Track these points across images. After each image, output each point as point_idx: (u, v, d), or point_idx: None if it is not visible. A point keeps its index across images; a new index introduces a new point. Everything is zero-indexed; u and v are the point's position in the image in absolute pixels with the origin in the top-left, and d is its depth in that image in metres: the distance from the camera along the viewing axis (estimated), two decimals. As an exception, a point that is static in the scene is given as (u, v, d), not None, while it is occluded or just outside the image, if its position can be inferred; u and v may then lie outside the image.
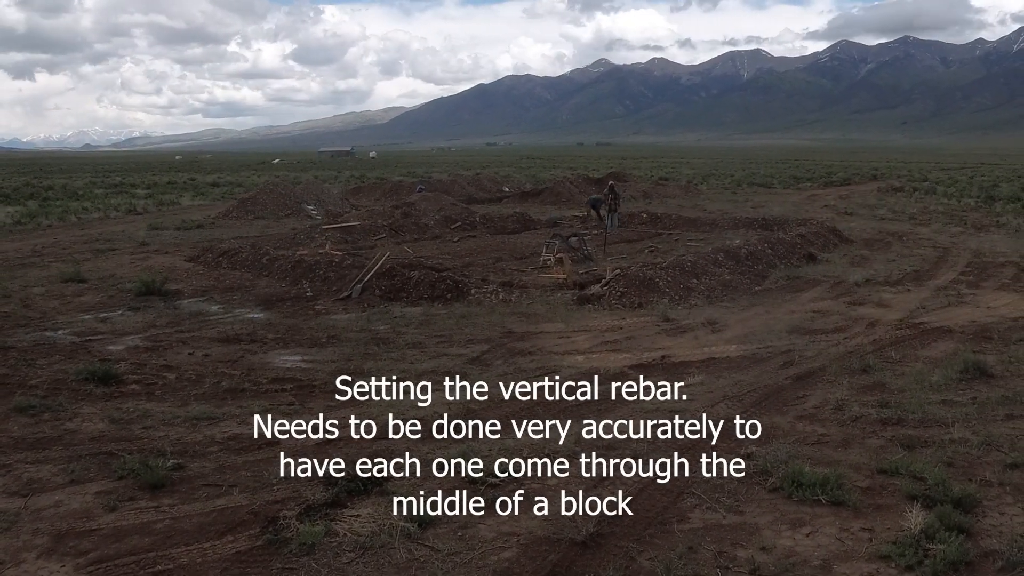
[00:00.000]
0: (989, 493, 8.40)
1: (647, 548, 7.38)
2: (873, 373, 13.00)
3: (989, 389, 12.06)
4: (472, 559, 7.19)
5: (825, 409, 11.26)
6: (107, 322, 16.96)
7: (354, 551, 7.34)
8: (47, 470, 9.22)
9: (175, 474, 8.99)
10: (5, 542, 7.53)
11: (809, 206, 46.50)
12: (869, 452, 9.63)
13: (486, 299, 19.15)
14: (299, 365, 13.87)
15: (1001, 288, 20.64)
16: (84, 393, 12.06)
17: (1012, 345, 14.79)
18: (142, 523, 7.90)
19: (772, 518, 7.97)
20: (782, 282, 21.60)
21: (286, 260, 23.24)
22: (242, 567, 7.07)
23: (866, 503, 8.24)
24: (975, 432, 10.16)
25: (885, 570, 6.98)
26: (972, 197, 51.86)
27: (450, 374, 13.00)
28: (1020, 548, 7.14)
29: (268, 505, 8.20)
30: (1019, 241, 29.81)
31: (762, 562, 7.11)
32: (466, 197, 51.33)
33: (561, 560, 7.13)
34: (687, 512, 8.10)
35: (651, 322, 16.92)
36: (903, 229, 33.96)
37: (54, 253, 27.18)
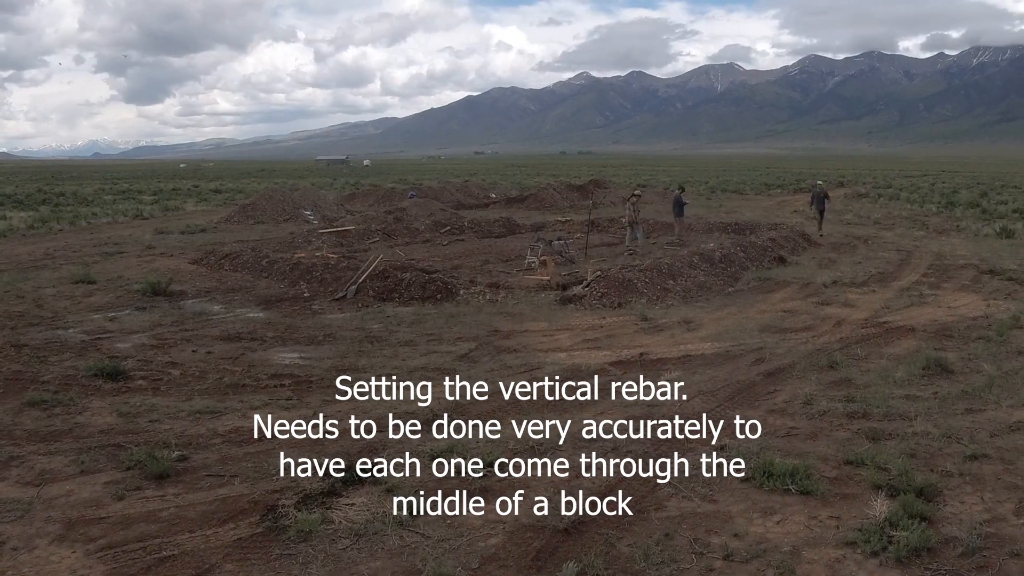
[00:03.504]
0: (950, 483, 8.44)
1: (626, 535, 7.39)
2: (840, 369, 13.04)
3: (949, 384, 12.10)
4: (460, 545, 7.20)
5: (794, 403, 11.29)
6: (115, 321, 16.90)
7: (349, 538, 7.34)
8: (59, 461, 9.19)
9: (180, 465, 8.98)
10: (19, 529, 7.51)
11: (779, 211, 46.62)
12: (836, 444, 9.66)
13: (474, 299, 19.15)
14: (297, 362, 13.85)
15: (961, 289, 20.72)
16: (93, 388, 12.02)
17: (971, 343, 14.85)
18: (148, 511, 7.88)
19: (744, 507, 7.99)
20: (754, 283, 21.64)
21: (285, 262, 23.21)
22: (243, 553, 7.06)
23: (833, 492, 8.26)
24: (936, 425, 10.19)
25: (851, 556, 7.01)
26: (933, 203, 52.05)
27: (440, 370, 13.08)
28: (979, 535, 7.17)
29: (268, 494, 8.19)
30: (978, 244, 29.94)
31: (735, 548, 7.13)
32: (455, 203, 51.27)
33: (545, 546, 7.14)
34: (664, 501, 8.12)
35: (630, 321, 16.94)
36: (868, 233, 34.05)
37: (65, 256, 27.06)
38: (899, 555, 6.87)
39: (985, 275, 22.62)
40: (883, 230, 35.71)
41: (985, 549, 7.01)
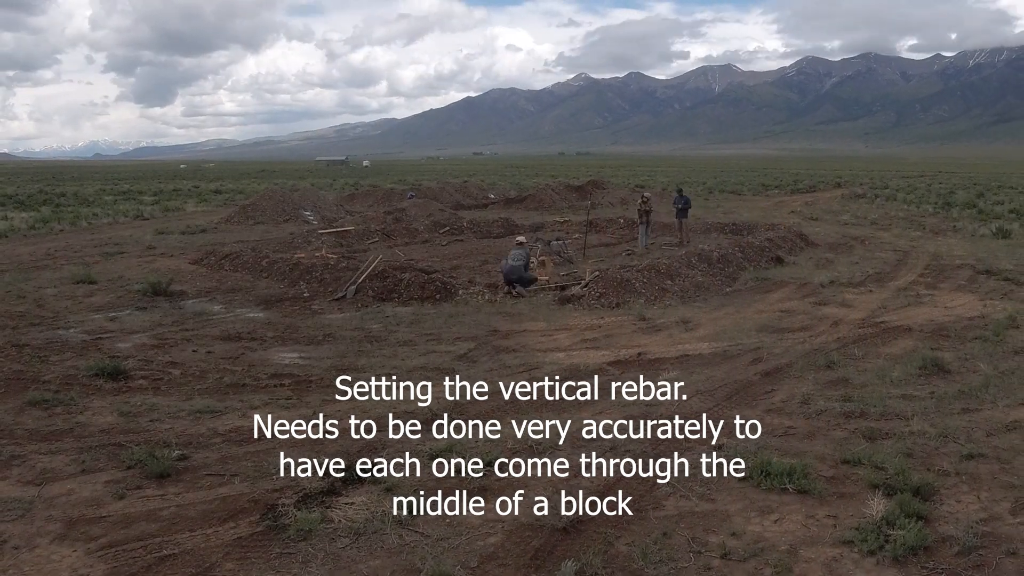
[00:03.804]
0: (946, 482, 8.43)
1: (624, 534, 7.38)
2: (837, 369, 13.03)
3: (946, 384, 12.09)
4: (460, 544, 7.19)
5: (792, 403, 11.28)
6: (116, 321, 16.88)
7: (348, 536, 7.33)
8: (60, 460, 9.18)
9: (180, 464, 8.97)
10: (20, 528, 7.50)
11: (777, 212, 46.61)
12: (833, 443, 9.65)
13: (472, 299, 19.14)
14: (297, 362, 13.84)
15: (957, 289, 20.72)
16: (94, 388, 12.01)
17: (968, 343, 14.85)
18: (149, 510, 7.88)
19: (742, 506, 7.98)
20: (751, 283, 21.63)
21: (285, 263, 23.20)
22: (243, 551, 7.05)
23: (830, 491, 8.25)
24: (933, 424, 10.19)
25: (848, 554, 7.00)
26: (930, 204, 52.02)
27: (439, 370, 13.07)
28: (975, 534, 7.17)
29: (267, 493, 8.18)
30: (974, 245, 29.94)
31: (732, 547, 7.12)
32: (454, 203, 51.26)
33: (543, 545, 7.13)
34: (662, 500, 8.11)
35: (628, 321, 16.93)
36: (865, 234, 34.04)
37: (66, 256, 27.04)
38: (896, 554, 6.87)
39: (981, 275, 22.62)
40: (880, 230, 35.70)
41: (981, 548, 7.01)
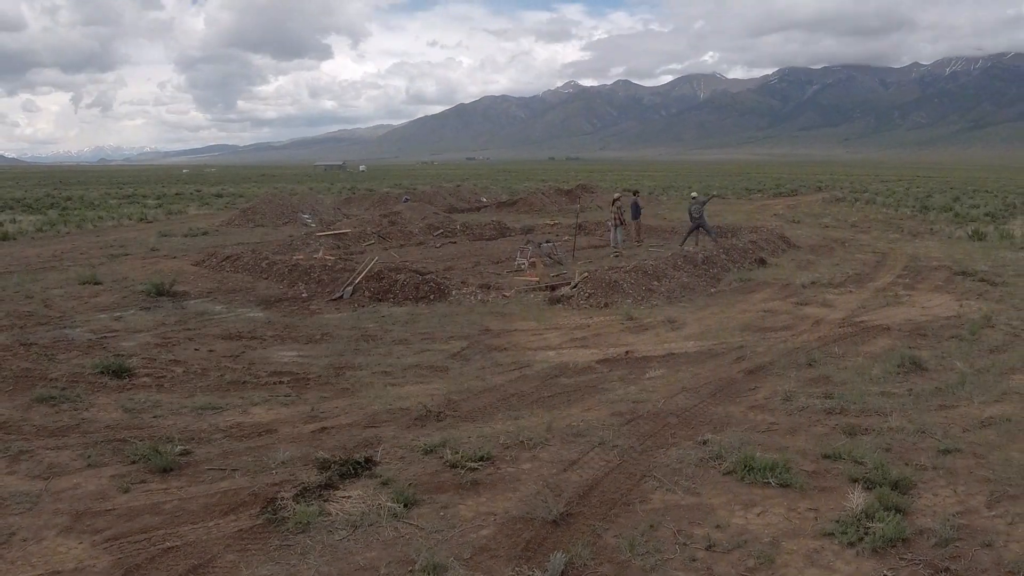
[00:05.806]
0: (924, 476, 8.45)
1: (612, 526, 7.39)
2: (818, 367, 13.05)
3: (923, 381, 12.12)
4: (453, 536, 7.19)
5: (774, 400, 11.30)
6: (121, 320, 16.86)
7: (345, 529, 7.33)
8: (66, 455, 9.16)
9: (183, 459, 8.95)
10: (28, 521, 7.49)
11: (760, 215, 46.61)
12: (814, 439, 9.67)
13: (465, 300, 19.15)
14: (295, 360, 13.82)
15: (935, 289, 20.76)
16: (100, 385, 11.99)
17: (944, 341, 14.88)
18: (153, 504, 7.86)
19: (726, 499, 7.99)
20: (735, 284, 21.66)
21: (284, 264, 23.19)
22: (243, 543, 7.05)
23: (812, 485, 8.27)
24: (911, 420, 10.21)
25: (829, 546, 7.02)
26: (908, 207, 52.13)
27: (433, 368, 13.09)
28: (952, 526, 7.19)
29: (267, 487, 8.18)
30: (951, 247, 30.00)
31: (717, 539, 7.13)
32: (448, 207, 51.27)
33: (534, 537, 7.14)
34: (648, 494, 8.12)
35: (616, 321, 16.94)
36: (845, 236, 34.10)
37: (72, 258, 27.00)
38: (875, 546, 6.88)
39: (958, 276, 22.66)
40: (859, 233, 35.75)
41: (958, 540, 7.02)
